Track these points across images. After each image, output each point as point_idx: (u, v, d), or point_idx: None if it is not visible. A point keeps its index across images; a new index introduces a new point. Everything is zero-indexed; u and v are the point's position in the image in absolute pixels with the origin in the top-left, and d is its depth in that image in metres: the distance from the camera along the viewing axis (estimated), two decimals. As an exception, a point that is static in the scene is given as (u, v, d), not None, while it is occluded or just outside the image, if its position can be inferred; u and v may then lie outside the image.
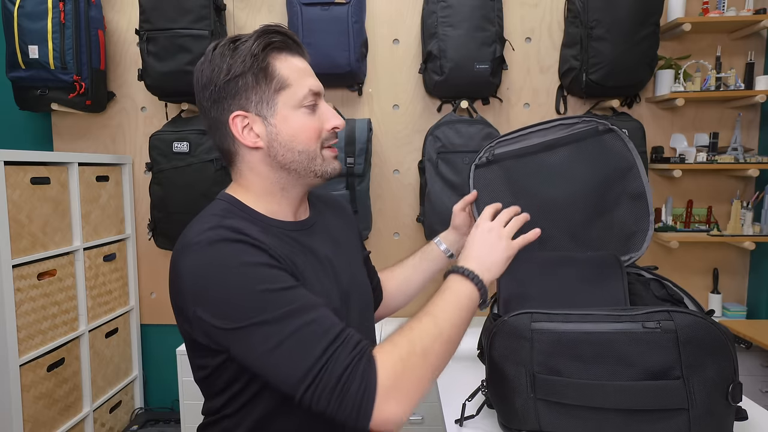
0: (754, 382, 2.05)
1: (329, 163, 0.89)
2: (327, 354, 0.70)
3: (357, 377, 0.70)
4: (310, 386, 0.70)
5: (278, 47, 0.84)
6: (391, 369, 0.72)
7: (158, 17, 2.06)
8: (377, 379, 0.71)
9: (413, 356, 0.74)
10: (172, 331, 2.50)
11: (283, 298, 0.73)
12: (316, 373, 0.70)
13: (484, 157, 1.08)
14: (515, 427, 0.84)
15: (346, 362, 0.71)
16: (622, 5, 2.00)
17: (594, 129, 1.02)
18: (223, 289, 0.73)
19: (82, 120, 2.41)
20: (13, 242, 1.73)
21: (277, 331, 0.71)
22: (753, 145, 2.28)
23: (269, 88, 0.83)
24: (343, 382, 0.70)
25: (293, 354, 0.71)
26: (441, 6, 2.07)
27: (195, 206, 2.11)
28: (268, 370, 0.72)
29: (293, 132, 0.85)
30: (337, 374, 0.70)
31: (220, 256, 0.74)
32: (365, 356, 0.72)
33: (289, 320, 0.71)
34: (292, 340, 0.71)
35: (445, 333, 0.78)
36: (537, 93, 2.31)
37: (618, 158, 1.01)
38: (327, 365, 0.70)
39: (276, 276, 0.75)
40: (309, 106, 0.86)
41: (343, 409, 0.70)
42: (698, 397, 0.74)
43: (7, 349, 1.70)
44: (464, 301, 0.83)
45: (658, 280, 1.02)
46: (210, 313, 0.74)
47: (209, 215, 0.82)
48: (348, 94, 2.33)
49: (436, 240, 1.18)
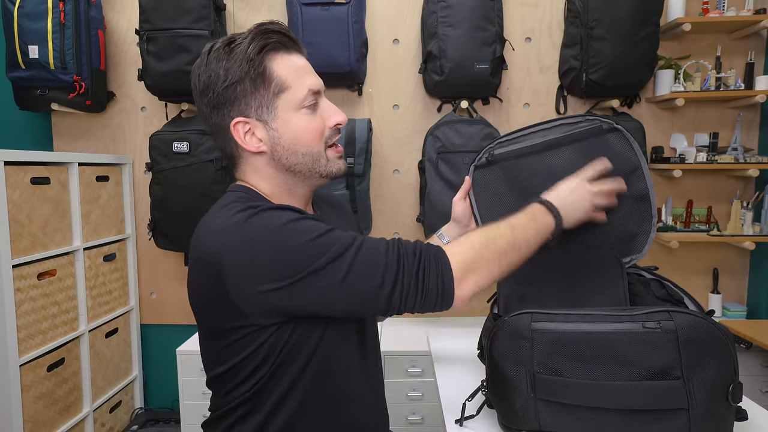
0: (754, 382, 2.05)
1: (334, 163, 0.89)
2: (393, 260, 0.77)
3: (432, 268, 0.78)
4: (393, 291, 0.76)
5: (274, 48, 0.83)
6: (462, 254, 0.80)
7: (158, 17, 2.07)
8: (450, 264, 0.79)
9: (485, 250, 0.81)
10: (172, 331, 2.50)
11: (329, 239, 0.77)
12: (394, 278, 0.76)
13: (483, 157, 1.07)
14: (515, 427, 0.84)
15: (417, 258, 0.78)
16: (622, 5, 2.00)
17: (598, 128, 1.00)
18: (273, 253, 0.75)
19: (82, 120, 2.41)
20: (13, 242, 1.73)
21: (339, 265, 0.75)
22: (753, 145, 2.29)
23: (268, 92, 0.82)
24: (422, 276, 0.77)
25: (363, 275, 0.76)
26: (441, 6, 2.07)
27: (195, 206, 2.15)
28: (347, 300, 0.77)
29: (295, 135, 0.84)
30: (413, 271, 0.77)
31: (257, 227, 0.77)
32: (431, 248, 0.80)
33: (344, 253, 0.76)
34: (356, 265, 0.76)
35: (518, 242, 0.83)
36: (537, 93, 2.32)
37: (622, 159, 0.99)
38: (399, 268, 0.77)
39: (312, 225, 0.78)
40: (310, 106, 0.85)
41: (428, 301, 0.78)
42: (698, 397, 0.74)
43: (7, 349, 1.70)
44: (541, 226, 0.88)
45: (659, 280, 1.01)
46: (267, 280, 0.75)
47: (230, 202, 0.82)
48: (348, 94, 2.33)
49: (438, 233, 1.18)
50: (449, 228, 1.18)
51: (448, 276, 0.78)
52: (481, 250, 0.81)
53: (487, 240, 0.82)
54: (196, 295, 0.84)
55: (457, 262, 0.79)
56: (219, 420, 0.88)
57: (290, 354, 0.82)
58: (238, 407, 0.85)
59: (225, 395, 0.86)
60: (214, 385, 0.88)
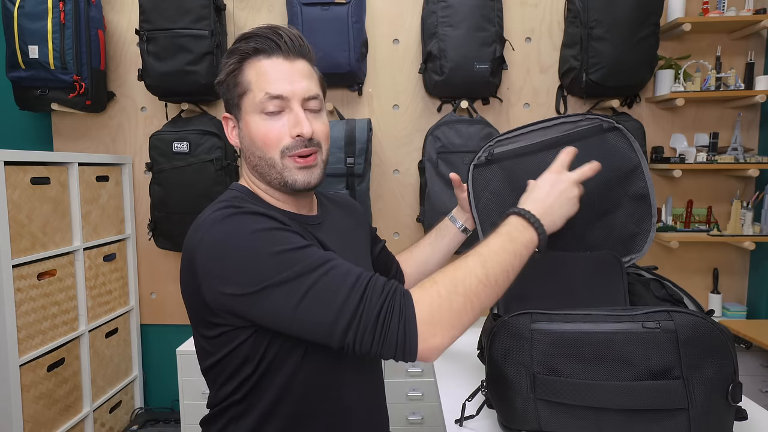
0: (754, 382, 2.05)
1: (291, 173, 0.85)
2: (356, 295, 0.71)
3: (395, 313, 0.70)
4: (348, 329, 0.70)
5: (254, 51, 0.85)
6: (428, 304, 0.72)
7: (158, 17, 2.07)
8: (416, 313, 0.71)
9: (453, 294, 0.72)
10: (172, 331, 2.50)
11: (298, 256, 0.74)
12: (351, 315, 0.70)
13: (482, 156, 1.06)
14: (515, 427, 0.84)
15: (381, 300, 0.71)
16: (622, 5, 2.00)
17: (598, 126, 0.99)
18: (240, 257, 0.74)
19: (82, 120, 2.41)
20: (13, 242, 1.73)
21: (299, 285, 0.72)
22: (753, 145, 2.28)
23: (235, 92, 0.87)
24: (382, 320, 0.70)
25: (320, 302, 0.71)
26: (441, 6, 2.07)
27: (195, 206, 2.15)
28: (300, 324, 0.72)
29: (252, 137, 0.86)
30: (374, 313, 0.70)
31: (233, 227, 0.76)
32: (398, 292, 0.73)
33: (308, 274, 0.72)
34: (315, 290, 0.71)
35: (492, 276, 0.75)
36: (537, 93, 2.31)
37: (622, 158, 0.99)
38: (360, 306, 0.71)
39: (288, 237, 0.76)
40: (270, 112, 0.83)
41: (388, 347, 0.70)
42: (698, 397, 0.74)
43: (7, 349, 1.70)
44: (519, 247, 0.79)
45: (658, 280, 1.01)
46: (230, 283, 0.74)
47: (221, 200, 0.85)
48: (348, 94, 2.33)
49: (450, 216, 1.19)
50: (459, 212, 1.19)
51: (411, 327, 0.70)
52: (449, 297, 0.72)
53: (454, 284, 0.73)
54: (183, 288, 0.85)
55: (422, 313, 0.71)
56: (215, 419, 0.89)
57: (275, 361, 0.81)
58: (231, 408, 0.86)
59: (217, 391, 0.87)
60: (207, 377, 0.89)
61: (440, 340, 0.72)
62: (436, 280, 0.74)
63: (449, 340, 0.73)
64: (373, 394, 0.97)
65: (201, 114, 2.28)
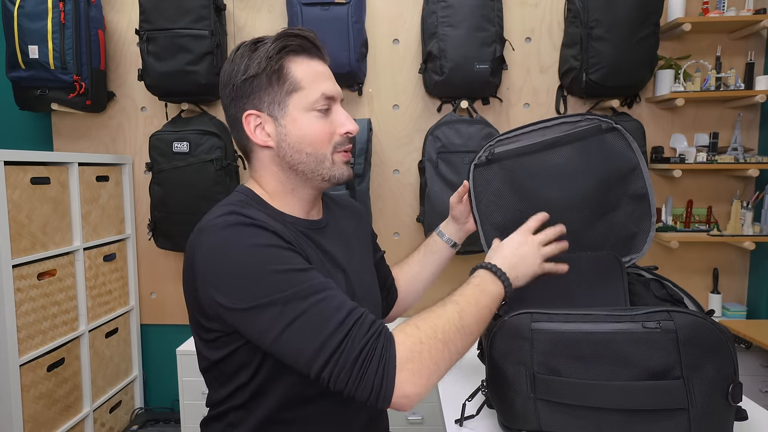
0: (754, 382, 2.05)
1: (338, 168, 0.90)
2: (341, 332, 0.71)
3: (376, 357, 0.70)
4: (327, 365, 0.70)
5: (295, 50, 0.86)
6: (410, 350, 0.72)
7: (158, 17, 2.07)
8: (396, 359, 0.71)
9: (434, 341, 0.74)
10: (172, 331, 2.50)
11: (294, 279, 0.74)
12: (332, 351, 0.70)
13: (483, 156, 1.06)
14: (515, 427, 0.84)
15: (364, 341, 0.71)
16: (622, 5, 2.00)
17: (597, 127, 1.00)
18: (236, 269, 0.74)
19: (82, 120, 2.41)
20: (13, 242, 1.73)
21: (289, 310, 0.72)
22: (753, 145, 2.28)
23: (281, 89, 0.86)
24: (361, 362, 0.70)
25: (305, 332, 0.71)
26: (441, 6, 2.07)
27: (195, 206, 2.15)
28: (282, 349, 0.72)
29: (302, 134, 0.86)
30: (354, 353, 0.70)
31: (234, 238, 0.76)
32: (383, 335, 0.73)
33: (300, 300, 0.72)
34: (304, 319, 0.71)
35: (467, 326, 0.78)
36: (537, 93, 2.31)
37: (621, 158, 0.99)
38: (343, 344, 0.70)
39: (288, 257, 0.76)
40: (321, 109, 0.87)
41: (363, 389, 0.70)
42: (698, 397, 0.74)
43: (7, 349, 1.70)
44: (489, 299, 0.84)
45: (658, 280, 1.01)
46: (223, 293, 0.75)
47: (227, 204, 0.84)
48: (348, 94, 2.33)
49: (437, 231, 1.18)
50: (448, 226, 1.18)
51: (390, 372, 0.70)
52: (429, 344, 0.73)
53: (434, 331, 0.74)
54: (184, 287, 0.85)
55: (402, 359, 0.71)
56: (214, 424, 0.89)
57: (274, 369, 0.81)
58: (230, 413, 0.86)
59: (215, 392, 0.88)
60: (205, 377, 0.90)
61: (416, 390, 0.71)
62: (418, 325, 0.75)
63: (425, 389, 0.72)
64: None
65: (201, 114, 2.28)
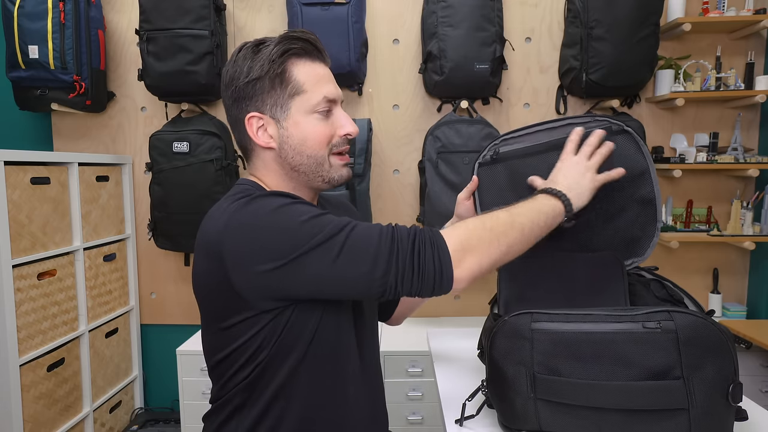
0: (754, 382, 2.05)
1: (336, 170, 0.92)
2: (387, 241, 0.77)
3: (427, 245, 0.77)
4: (388, 272, 0.76)
5: (297, 53, 0.88)
6: (456, 235, 0.79)
7: (158, 17, 2.07)
8: (447, 246, 0.77)
9: (481, 230, 0.80)
10: (172, 331, 2.50)
11: (322, 221, 0.78)
12: (387, 258, 0.76)
13: (488, 155, 1.06)
14: (515, 427, 0.84)
15: (410, 239, 0.77)
16: (622, 5, 2.00)
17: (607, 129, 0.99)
18: (270, 232, 0.78)
19: (82, 120, 2.41)
20: (13, 242, 1.73)
21: (331, 245, 0.76)
22: (753, 145, 2.29)
23: (284, 92, 0.87)
24: (417, 255, 0.76)
25: (355, 254, 0.76)
26: (441, 6, 2.07)
27: (195, 206, 2.15)
28: (339, 282, 0.77)
29: (303, 136, 0.88)
30: (408, 252, 0.76)
31: (258, 208, 0.80)
32: (425, 230, 0.79)
33: (336, 235, 0.77)
34: (348, 246, 0.76)
35: (518, 223, 0.82)
36: (537, 93, 2.32)
37: (630, 161, 0.97)
38: (394, 248, 0.76)
39: (305, 209, 0.81)
40: (322, 112, 0.89)
41: (426, 283, 0.77)
42: (698, 397, 0.74)
43: (7, 349, 1.70)
44: (546, 208, 0.86)
45: (659, 280, 1.01)
46: (265, 259, 0.77)
47: (234, 194, 0.86)
48: (348, 94, 2.33)
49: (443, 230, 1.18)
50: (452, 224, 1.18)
51: (445, 257, 0.77)
52: (477, 231, 0.80)
53: (482, 222, 0.81)
54: (200, 281, 0.86)
55: (453, 243, 0.78)
56: (218, 410, 0.90)
57: (286, 342, 0.83)
58: (235, 396, 0.87)
59: (224, 384, 0.88)
60: (214, 373, 0.90)
61: (472, 264, 0.78)
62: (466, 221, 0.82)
63: (479, 266, 0.78)
64: (373, 393, 0.98)
65: (201, 114, 2.28)
